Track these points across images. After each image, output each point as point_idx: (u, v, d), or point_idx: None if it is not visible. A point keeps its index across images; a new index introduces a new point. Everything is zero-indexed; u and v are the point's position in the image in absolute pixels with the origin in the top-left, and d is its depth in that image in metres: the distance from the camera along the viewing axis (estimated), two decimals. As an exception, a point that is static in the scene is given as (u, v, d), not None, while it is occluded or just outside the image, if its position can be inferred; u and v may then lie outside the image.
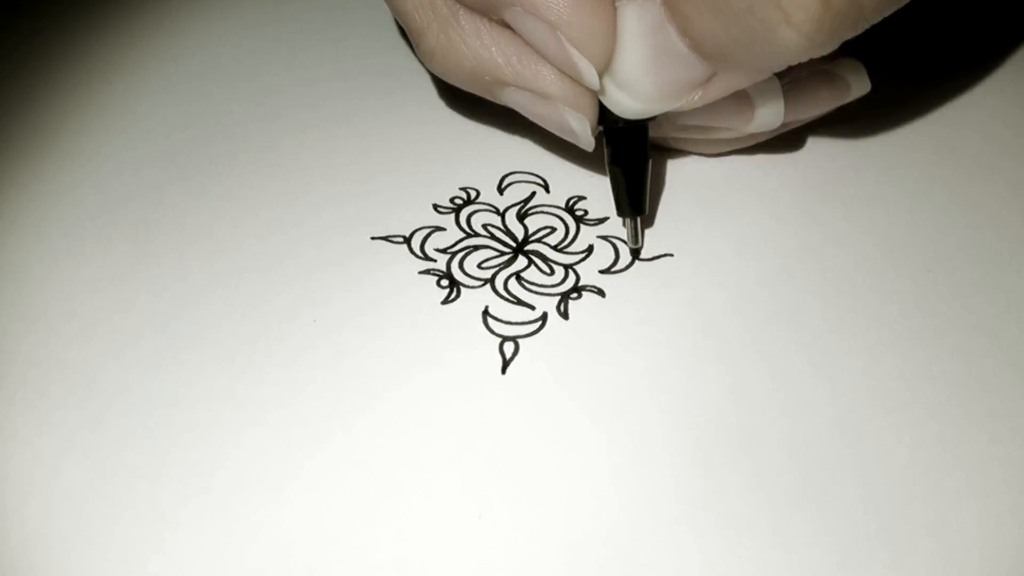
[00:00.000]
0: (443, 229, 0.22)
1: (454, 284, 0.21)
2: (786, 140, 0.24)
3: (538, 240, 0.22)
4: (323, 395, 0.19)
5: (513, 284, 0.21)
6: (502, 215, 0.23)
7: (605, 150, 0.21)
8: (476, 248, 0.22)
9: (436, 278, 0.21)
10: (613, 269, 0.21)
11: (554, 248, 0.22)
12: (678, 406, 0.18)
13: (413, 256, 0.21)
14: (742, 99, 0.21)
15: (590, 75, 0.19)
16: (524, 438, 0.18)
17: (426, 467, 0.18)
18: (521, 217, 0.22)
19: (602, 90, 0.19)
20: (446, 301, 0.21)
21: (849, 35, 0.18)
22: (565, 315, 0.20)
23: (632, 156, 0.21)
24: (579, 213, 0.23)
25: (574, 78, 0.19)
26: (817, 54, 0.18)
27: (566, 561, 0.16)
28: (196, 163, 0.24)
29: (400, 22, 0.22)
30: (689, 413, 0.18)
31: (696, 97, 0.19)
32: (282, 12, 0.29)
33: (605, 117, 0.20)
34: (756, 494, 0.17)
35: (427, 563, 0.16)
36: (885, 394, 0.19)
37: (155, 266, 0.21)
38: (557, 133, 0.21)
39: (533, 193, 0.23)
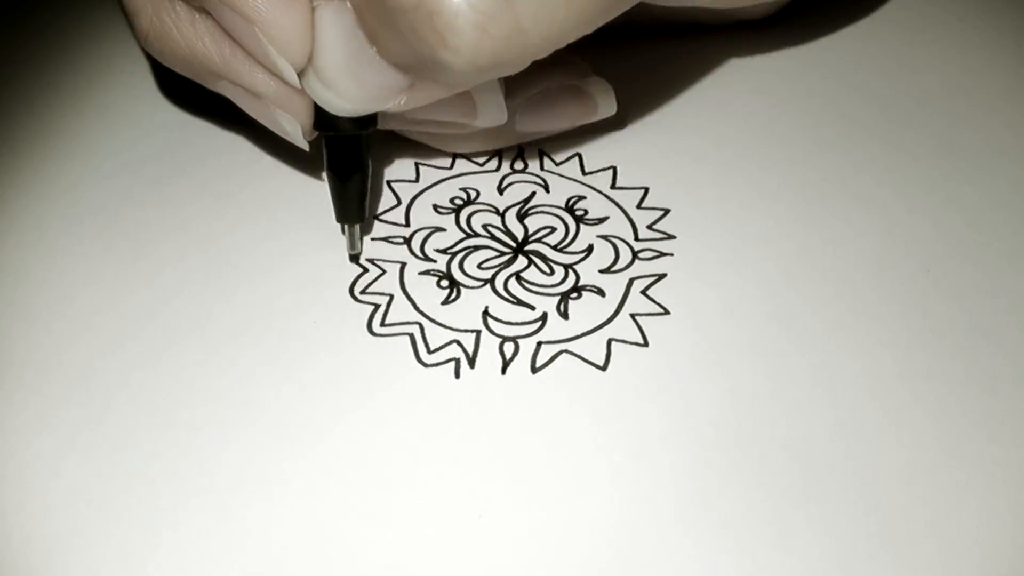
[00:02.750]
0: (443, 229, 0.22)
1: (454, 284, 0.21)
2: (785, 140, 0.24)
3: (538, 240, 0.22)
4: (323, 395, 0.19)
5: (513, 284, 0.21)
6: (502, 215, 0.23)
7: (324, 155, 0.21)
8: (476, 248, 0.22)
9: (436, 278, 0.21)
10: (613, 269, 0.21)
11: (554, 248, 0.22)
12: (678, 406, 0.19)
13: (413, 257, 0.21)
14: (464, 97, 0.21)
15: (289, 74, 0.19)
16: (524, 438, 0.18)
17: (426, 467, 0.18)
18: (521, 217, 0.22)
19: (309, 88, 0.19)
20: (446, 301, 0.21)
21: (517, 61, 0.17)
22: (565, 315, 0.20)
23: (349, 164, 0.20)
24: (579, 213, 0.23)
25: (276, 75, 0.19)
26: (496, 74, 0.18)
27: (566, 561, 0.16)
28: (196, 163, 0.24)
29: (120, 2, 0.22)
30: (689, 413, 0.18)
31: (401, 101, 0.19)
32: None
33: (322, 123, 0.20)
34: (756, 494, 0.17)
35: (427, 563, 0.16)
36: (884, 394, 0.19)
37: (155, 266, 0.21)
38: (274, 130, 0.21)
39: (533, 193, 0.23)
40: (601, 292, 0.21)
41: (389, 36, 0.17)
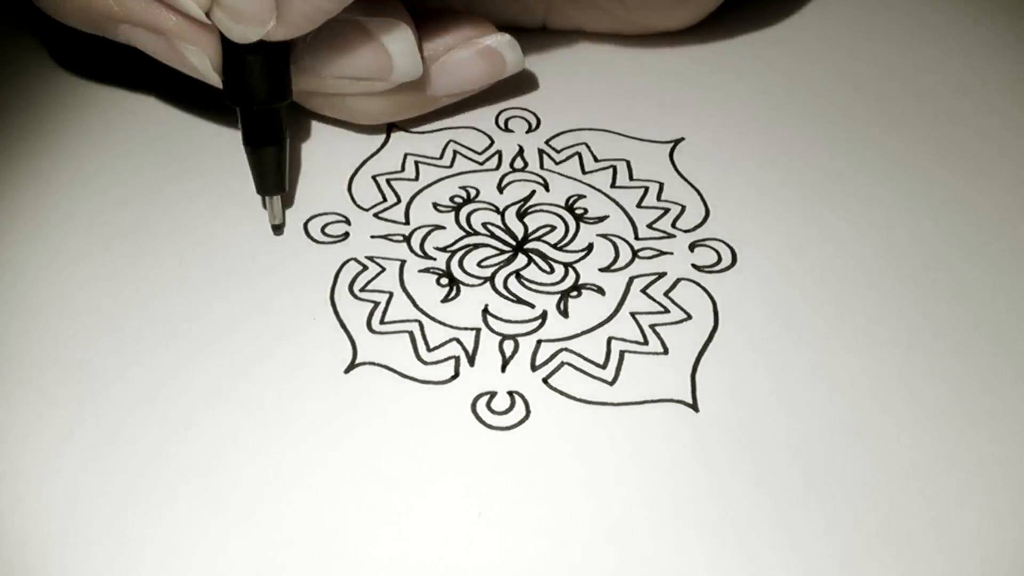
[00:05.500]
0: (443, 227, 0.22)
1: (454, 282, 0.21)
2: (785, 139, 0.24)
3: (538, 238, 0.22)
4: (322, 393, 0.19)
5: (513, 282, 0.21)
6: (502, 213, 0.23)
7: (241, 130, 0.21)
8: (476, 246, 0.22)
9: (436, 276, 0.21)
10: (613, 267, 0.21)
11: (554, 246, 0.22)
12: (678, 405, 0.18)
13: (413, 254, 0.21)
14: (378, 50, 0.21)
15: (194, 9, 0.19)
16: (524, 437, 0.18)
17: (426, 466, 0.18)
18: (521, 215, 0.22)
19: (215, 18, 0.19)
20: (446, 299, 0.21)
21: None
22: (565, 313, 0.20)
23: (265, 136, 0.21)
24: (579, 212, 0.23)
25: (180, 9, 0.19)
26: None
27: (566, 561, 0.16)
28: (196, 162, 0.24)
29: None
30: (690, 412, 0.18)
31: (271, 25, 0.19)
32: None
33: (236, 97, 0.21)
34: (757, 493, 0.17)
35: (427, 563, 0.16)
36: (885, 393, 0.19)
37: (155, 265, 0.21)
38: (180, 69, 0.21)
39: (533, 192, 0.23)
40: (601, 291, 0.21)
41: None
